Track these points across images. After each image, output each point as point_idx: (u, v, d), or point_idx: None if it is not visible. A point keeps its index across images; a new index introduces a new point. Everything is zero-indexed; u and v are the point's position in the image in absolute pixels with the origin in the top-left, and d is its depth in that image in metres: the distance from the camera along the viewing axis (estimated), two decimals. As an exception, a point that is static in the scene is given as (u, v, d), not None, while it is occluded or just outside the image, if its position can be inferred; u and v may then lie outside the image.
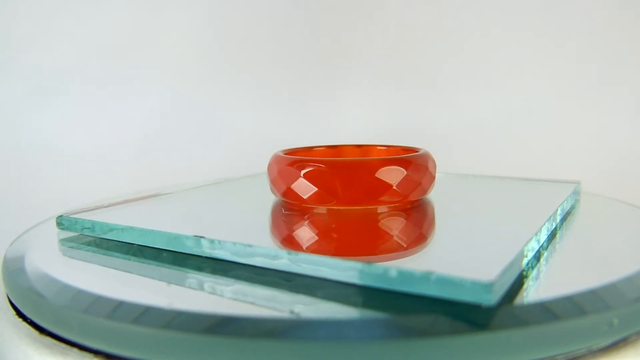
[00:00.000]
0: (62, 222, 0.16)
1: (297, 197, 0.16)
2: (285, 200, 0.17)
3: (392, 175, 0.16)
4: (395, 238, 0.14)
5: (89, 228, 0.15)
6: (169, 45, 0.33)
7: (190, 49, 0.33)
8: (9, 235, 0.17)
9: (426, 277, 0.10)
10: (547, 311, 0.10)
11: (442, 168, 0.18)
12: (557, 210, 0.16)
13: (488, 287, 0.10)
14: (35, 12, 0.31)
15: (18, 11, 0.31)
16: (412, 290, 0.10)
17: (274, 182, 0.17)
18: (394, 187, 0.16)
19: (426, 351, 0.09)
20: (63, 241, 0.16)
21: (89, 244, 0.15)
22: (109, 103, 0.33)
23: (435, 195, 0.18)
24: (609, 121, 0.32)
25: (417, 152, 0.18)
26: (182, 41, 0.33)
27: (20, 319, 0.12)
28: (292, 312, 0.10)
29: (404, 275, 0.10)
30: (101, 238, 0.15)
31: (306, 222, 0.16)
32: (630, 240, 0.16)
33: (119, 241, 0.15)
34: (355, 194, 0.16)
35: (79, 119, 0.33)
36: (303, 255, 0.12)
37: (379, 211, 0.16)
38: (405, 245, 0.14)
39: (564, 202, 0.17)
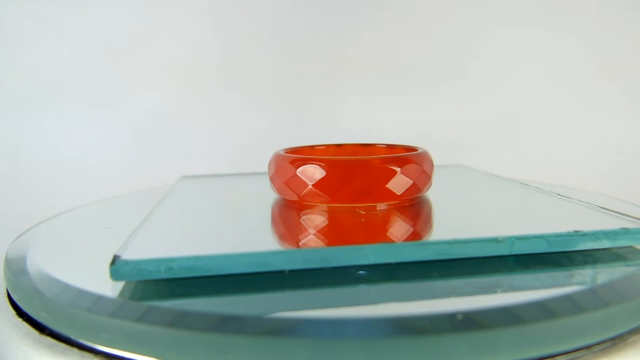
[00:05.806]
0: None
1: (300, 195, 0.16)
2: (287, 198, 0.17)
3: (394, 173, 0.16)
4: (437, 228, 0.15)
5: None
6: (169, 45, 0.33)
7: (191, 49, 0.33)
8: (9, 234, 0.17)
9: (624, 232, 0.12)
10: (547, 310, 0.10)
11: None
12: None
13: None
14: (35, 12, 0.31)
15: (18, 11, 0.31)
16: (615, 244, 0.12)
17: (275, 181, 0.17)
18: (397, 186, 0.16)
19: (426, 351, 0.09)
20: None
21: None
22: (109, 103, 0.33)
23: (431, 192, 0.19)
24: (609, 121, 0.32)
25: (416, 150, 0.18)
26: (182, 41, 0.33)
27: (20, 319, 0.12)
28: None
29: (602, 234, 0.12)
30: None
31: (326, 221, 0.16)
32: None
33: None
34: (358, 192, 0.16)
35: (79, 119, 0.33)
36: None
37: (378, 209, 0.16)
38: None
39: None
